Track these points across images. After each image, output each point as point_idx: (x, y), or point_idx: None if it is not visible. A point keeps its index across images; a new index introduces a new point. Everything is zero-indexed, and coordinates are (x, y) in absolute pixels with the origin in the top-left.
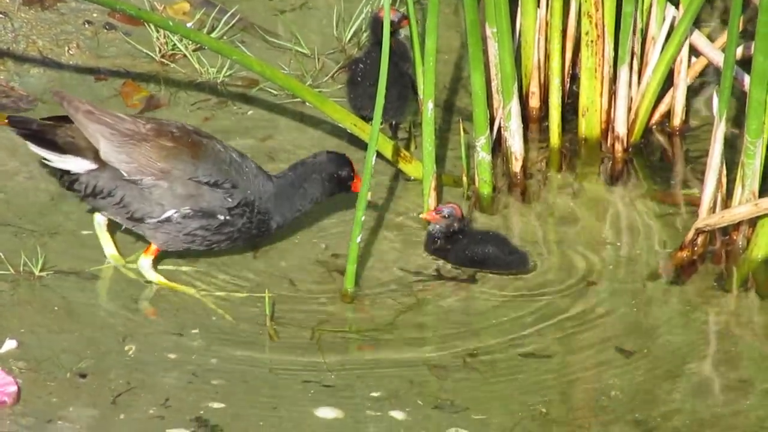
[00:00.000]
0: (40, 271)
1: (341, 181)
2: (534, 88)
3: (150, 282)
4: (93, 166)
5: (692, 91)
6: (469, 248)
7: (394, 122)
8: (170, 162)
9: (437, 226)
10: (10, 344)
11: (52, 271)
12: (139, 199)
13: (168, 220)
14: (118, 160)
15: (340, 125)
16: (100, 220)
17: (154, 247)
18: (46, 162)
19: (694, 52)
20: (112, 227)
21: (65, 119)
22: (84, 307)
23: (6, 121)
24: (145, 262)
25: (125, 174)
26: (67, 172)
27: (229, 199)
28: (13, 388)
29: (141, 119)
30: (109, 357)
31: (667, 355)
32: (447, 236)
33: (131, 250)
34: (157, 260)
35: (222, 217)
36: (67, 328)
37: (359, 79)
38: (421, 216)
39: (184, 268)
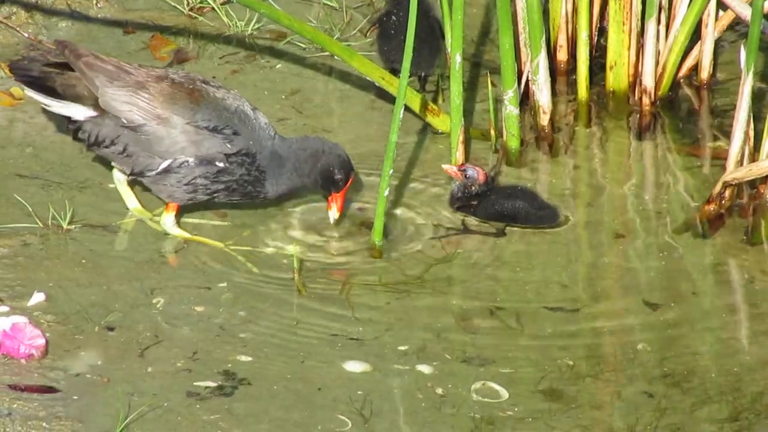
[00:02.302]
0: (68, 224)
1: (332, 180)
2: (562, 42)
3: (174, 236)
4: (93, 113)
5: (720, 45)
6: (498, 203)
7: (423, 74)
8: (168, 107)
9: (457, 183)
10: (39, 297)
11: (80, 224)
12: (139, 147)
13: (167, 171)
14: (117, 107)
15: (367, 79)
16: (119, 175)
17: (158, 196)
18: (46, 108)
19: (721, 5)
20: (133, 181)
21: (69, 67)
22: (112, 260)
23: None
24: (168, 219)
25: (124, 121)
26: (69, 119)
27: (229, 146)
28: (41, 341)
29: (144, 67)
30: (137, 310)
31: (694, 308)
32: (468, 194)
33: (158, 203)
34: (182, 214)
35: (221, 164)
36: (95, 281)
37: (393, 32)
38: (442, 166)
39: (212, 222)
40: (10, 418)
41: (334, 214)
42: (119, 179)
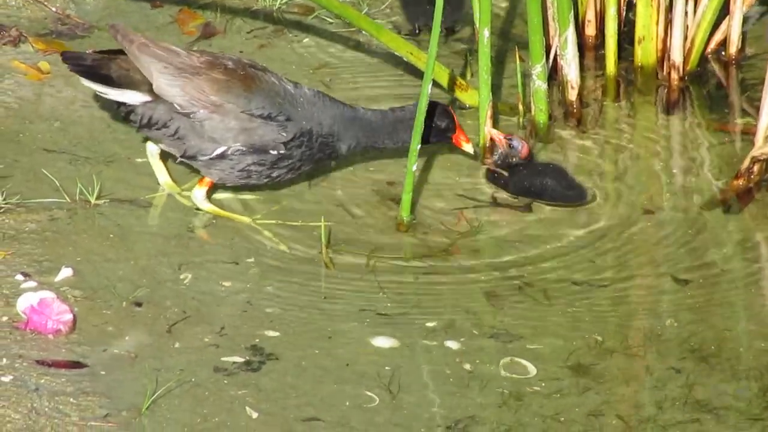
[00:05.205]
0: (96, 199)
1: (439, 132)
2: (590, 16)
3: (204, 211)
4: (148, 98)
5: (748, 20)
6: (527, 179)
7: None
8: (222, 95)
9: (499, 152)
10: (66, 272)
11: (108, 199)
12: (192, 132)
13: (221, 156)
14: (171, 94)
15: (395, 53)
16: (152, 149)
17: (208, 178)
18: (102, 95)
19: None
20: (166, 155)
21: (119, 52)
22: (140, 235)
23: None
24: (199, 192)
25: (178, 107)
26: (123, 103)
27: (284, 133)
28: (69, 317)
29: (195, 52)
30: (165, 285)
31: (723, 283)
32: (506, 166)
33: (186, 178)
34: (213, 190)
35: (275, 152)
36: (123, 256)
37: None
38: (487, 130)
39: (240, 197)
40: (38, 393)
41: (469, 148)
42: (152, 152)
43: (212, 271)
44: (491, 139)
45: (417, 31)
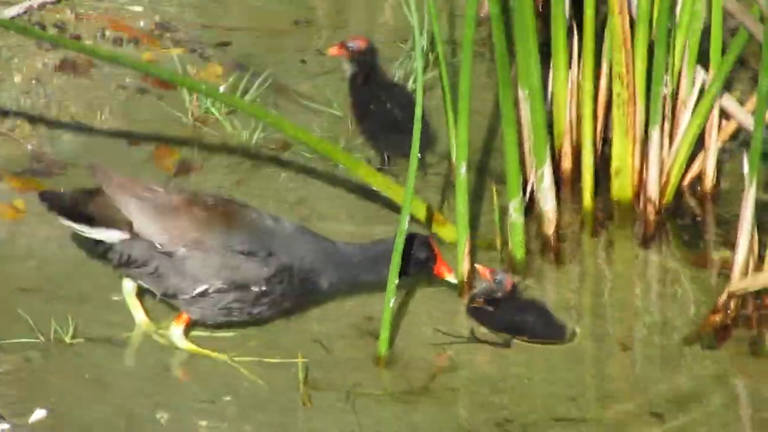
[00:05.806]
0: (71, 338)
1: (420, 263)
2: (566, 149)
3: (181, 349)
4: (126, 236)
5: (724, 154)
6: (508, 315)
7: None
8: (203, 232)
9: (483, 285)
10: (40, 414)
11: (83, 338)
12: (173, 270)
13: (201, 294)
14: (151, 232)
15: (373, 188)
16: (128, 286)
17: (185, 315)
18: (80, 233)
19: (724, 114)
20: (142, 293)
21: (97, 189)
22: (115, 374)
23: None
24: (176, 330)
25: (158, 246)
26: (101, 241)
27: (265, 269)
28: None
29: (174, 189)
30: (142, 426)
31: (702, 420)
32: (489, 300)
33: (162, 315)
34: (190, 327)
35: (256, 289)
36: (99, 396)
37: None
38: (465, 264)
39: (216, 334)
40: None
41: (452, 278)
42: (128, 289)
43: (189, 410)
44: (472, 273)
45: (386, 162)
